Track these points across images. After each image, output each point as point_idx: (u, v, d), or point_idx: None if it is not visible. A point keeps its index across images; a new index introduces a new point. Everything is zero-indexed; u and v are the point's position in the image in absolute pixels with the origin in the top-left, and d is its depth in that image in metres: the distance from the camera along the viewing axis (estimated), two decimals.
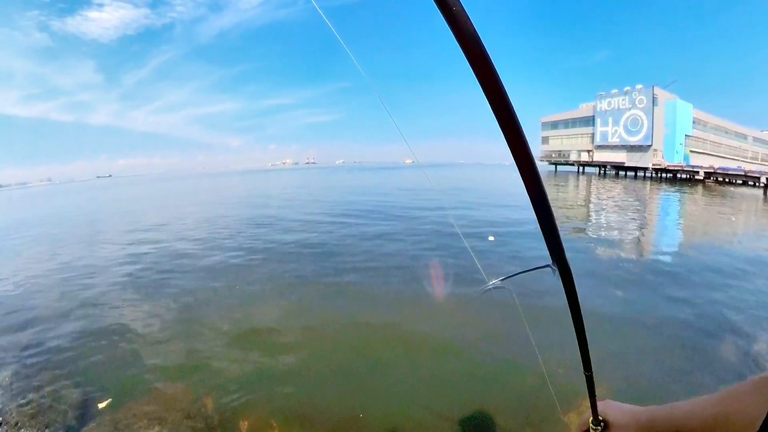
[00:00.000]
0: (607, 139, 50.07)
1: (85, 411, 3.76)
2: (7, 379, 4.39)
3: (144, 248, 11.17)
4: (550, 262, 0.70)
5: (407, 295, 6.60)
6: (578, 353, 0.82)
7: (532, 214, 0.59)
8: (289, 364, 4.53)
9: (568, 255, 0.67)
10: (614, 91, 49.32)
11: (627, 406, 0.75)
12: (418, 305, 6.21)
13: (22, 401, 3.96)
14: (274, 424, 3.48)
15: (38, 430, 3.51)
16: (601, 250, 9.61)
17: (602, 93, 51.05)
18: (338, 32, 0.63)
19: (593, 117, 51.95)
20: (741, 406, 0.55)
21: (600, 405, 0.79)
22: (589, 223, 14.48)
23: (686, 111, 45.17)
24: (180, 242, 11.85)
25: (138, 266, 9.17)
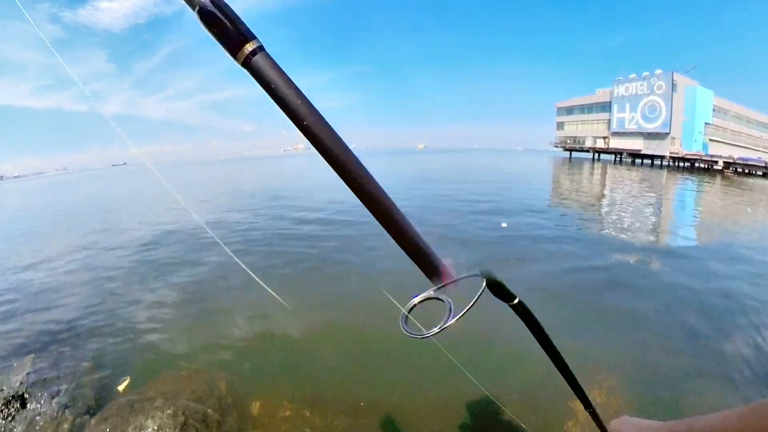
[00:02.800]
0: (623, 125, 48.85)
1: (102, 392, 3.90)
2: (29, 362, 4.53)
3: (163, 234, 11.36)
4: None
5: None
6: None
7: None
8: (302, 348, 4.61)
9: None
10: (632, 76, 47.87)
11: (644, 422, 0.72)
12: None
13: (43, 382, 4.10)
14: (286, 405, 3.57)
15: (59, 409, 3.65)
16: (614, 243, 9.49)
17: (620, 78, 49.60)
18: None
19: (610, 103, 50.61)
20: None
21: (615, 423, 0.76)
22: (602, 213, 14.23)
23: (706, 98, 43.78)
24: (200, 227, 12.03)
25: (157, 251, 9.35)
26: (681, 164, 40.81)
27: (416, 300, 0.67)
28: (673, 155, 41.18)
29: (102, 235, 12.04)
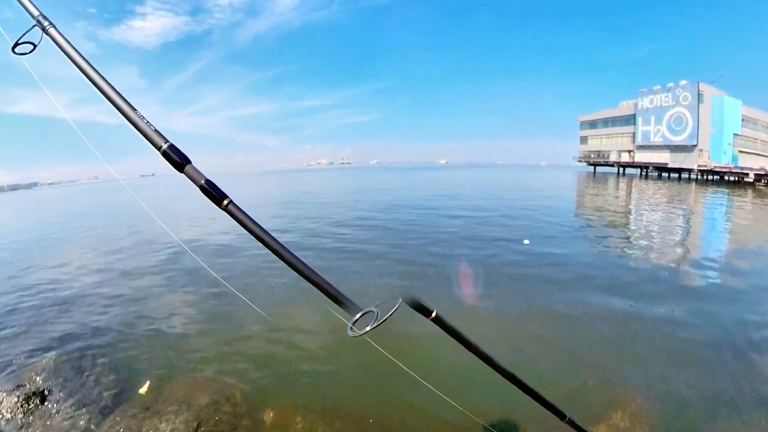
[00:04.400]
0: (649, 138, 47.60)
1: (120, 393, 3.94)
2: (52, 361, 4.64)
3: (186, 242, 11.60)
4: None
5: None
6: None
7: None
8: (318, 362, 4.56)
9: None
10: (656, 87, 46.72)
11: None
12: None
13: (63, 381, 4.19)
14: (298, 417, 3.51)
15: (76, 407, 3.71)
16: (640, 261, 9.19)
17: (644, 90, 48.44)
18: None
19: (634, 115, 49.41)
20: None
21: None
22: (629, 230, 13.72)
23: (735, 108, 42.35)
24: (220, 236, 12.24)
25: (180, 262, 9.53)
26: (710, 177, 39.42)
27: (358, 315, 0.97)
28: (701, 168, 39.80)
29: (125, 242, 12.39)
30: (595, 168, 57.84)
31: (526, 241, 10.26)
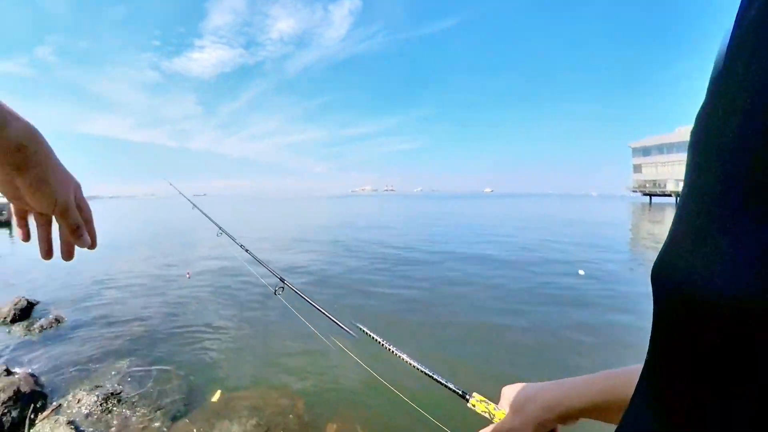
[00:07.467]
0: None
1: (191, 399, 4.14)
2: (125, 365, 4.94)
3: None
4: None
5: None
6: None
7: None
8: (381, 382, 4.55)
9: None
10: None
11: (533, 385, 0.70)
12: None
13: (138, 384, 4.45)
14: (359, 430, 3.56)
15: (151, 409, 3.92)
16: None
17: None
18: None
19: None
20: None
21: (506, 389, 0.74)
22: None
23: None
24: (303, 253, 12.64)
25: (250, 276, 9.94)
26: None
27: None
28: None
29: (195, 253, 13.07)
30: (650, 198, 54.78)
31: (581, 271, 9.88)
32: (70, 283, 9.31)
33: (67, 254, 0.61)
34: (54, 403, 4.00)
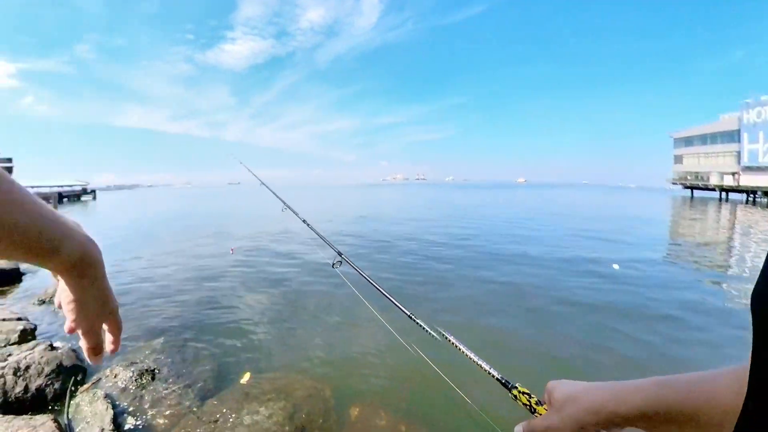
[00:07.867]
0: (756, 158, 41.10)
1: (221, 380, 4.29)
2: (159, 344, 5.12)
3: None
4: None
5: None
6: None
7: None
8: (407, 370, 4.50)
9: None
10: (765, 97, 39.92)
11: (578, 383, 0.63)
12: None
13: (171, 363, 4.61)
14: (382, 414, 3.62)
15: (183, 387, 4.06)
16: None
17: (749, 100, 41.64)
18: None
19: (738, 131, 42.98)
20: (711, 394, 0.46)
21: (550, 384, 0.67)
22: (733, 274, 10.13)
23: None
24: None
25: (285, 262, 10.22)
26: None
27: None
28: None
29: (231, 242, 13.47)
30: (692, 191, 51.43)
31: (615, 266, 9.51)
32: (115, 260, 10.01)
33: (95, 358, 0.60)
34: (93, 377, 4.19)
